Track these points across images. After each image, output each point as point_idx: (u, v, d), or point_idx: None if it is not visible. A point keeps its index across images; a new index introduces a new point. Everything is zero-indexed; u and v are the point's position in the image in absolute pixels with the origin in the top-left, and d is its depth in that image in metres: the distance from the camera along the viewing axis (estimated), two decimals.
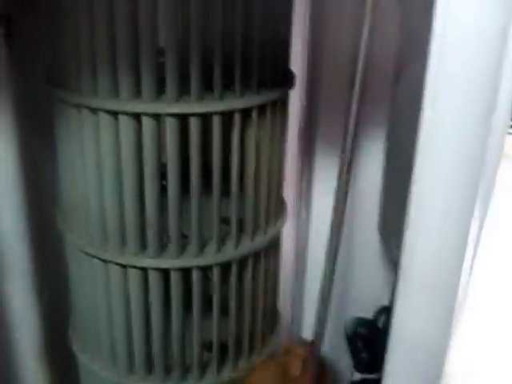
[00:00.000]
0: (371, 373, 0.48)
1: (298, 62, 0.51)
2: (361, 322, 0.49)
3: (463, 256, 0.32)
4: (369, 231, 0.48)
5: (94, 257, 0.45)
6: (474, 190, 0.30)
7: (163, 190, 0.42)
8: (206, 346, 0.48)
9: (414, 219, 0.31)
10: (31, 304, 0.52)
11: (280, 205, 0.50)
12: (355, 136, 0.41)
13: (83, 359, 0.52)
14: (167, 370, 0.48)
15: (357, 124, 0.57)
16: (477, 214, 0.31)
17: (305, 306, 0.55)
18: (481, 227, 0.34)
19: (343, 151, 0.40)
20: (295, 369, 0.47)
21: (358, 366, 0.48)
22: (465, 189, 0.30)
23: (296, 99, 0.53)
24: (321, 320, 0.45)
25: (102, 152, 0.41)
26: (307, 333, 0.53)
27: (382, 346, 0.39)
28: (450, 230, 0.31)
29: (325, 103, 0.56)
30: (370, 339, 0.47)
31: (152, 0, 0.36)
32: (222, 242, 0.45)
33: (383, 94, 0.45)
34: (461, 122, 0.30)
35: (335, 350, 0.51)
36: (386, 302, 0.45)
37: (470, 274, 0.35)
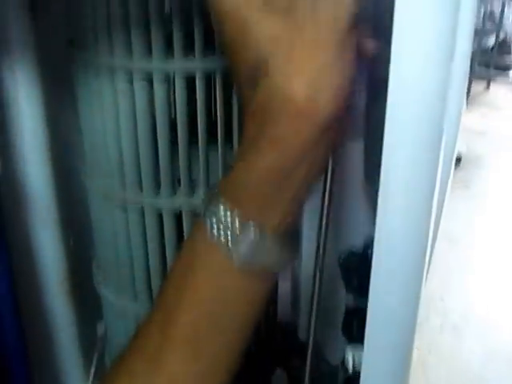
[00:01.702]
0: (362, 297, 0.54)
1: None
2: (352, 253, 0.55)
3: (434, 186, 0.36)
4: (356, 179, 0.54)
5: (114, 200, 0.51)
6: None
7: (174, 141, 0.48)
8: None
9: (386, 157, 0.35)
10: (57, 244, 0.58)
11: None
12: None
13: (106, 293, 0.58)
14: None
15: None
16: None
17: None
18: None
19: None
20: None
21: (351, 291, 0.54)
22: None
23: None
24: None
25: (120, 107, 0.46)
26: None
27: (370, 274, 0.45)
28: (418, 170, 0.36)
29: None
30: (359, 268, 0.54)
31: None
32: None
33: None
34: None
35: (332, 281, 0.57)
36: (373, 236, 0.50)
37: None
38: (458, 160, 2.49)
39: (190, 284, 0.37)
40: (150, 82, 0.45)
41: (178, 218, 0.50)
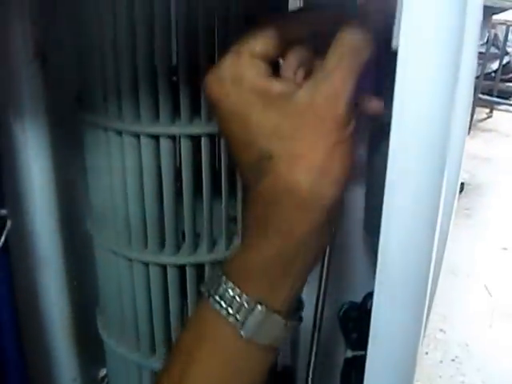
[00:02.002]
0: (361, 350, 0.54)
1: None
2: (351, 305, 0.56)
3: (433, 241, 0.37)
4: (357, 230, 0.55)
5: (119, 255, 0.52)
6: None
7: (179, 196, 0.49)
8: None
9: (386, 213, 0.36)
10: (62, 291, 0.59)
11: None
12: None
13: (108, 340, 0.59)
14: None
15: None
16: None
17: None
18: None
19: None
20: None
21: (350, 344, 0.55)
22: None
23: None
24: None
25: (127, 167, 0.48)
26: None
27: (369, 327, 0.46)
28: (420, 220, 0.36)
29: None
30: (359, 320, 0.55)
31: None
32: (229, 239, 0.52)
33: None
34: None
35: (331, 331, 0.58)
36: (372, 289, 0.51)
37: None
38: (461, 187, 2.49)
39: (198, 357, 0.38)
40: (157, 141, 0.47)
41: (181, 272, 0.51)
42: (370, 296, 0.53)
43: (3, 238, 0.47)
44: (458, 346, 1.77)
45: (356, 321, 0.55)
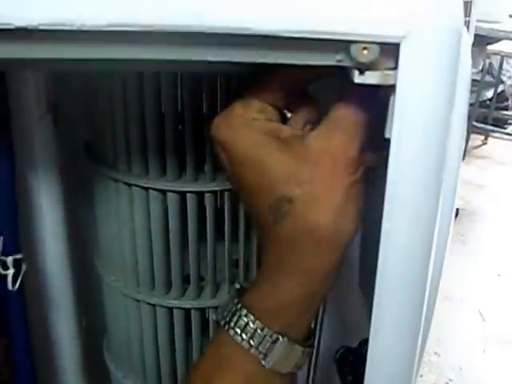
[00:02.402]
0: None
1: None
2: (347, 350, 0.59)
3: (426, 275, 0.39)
4: (353, 279, 0.59)
5: (128, 297, 0.55)
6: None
7: (184, 243, 0.53)
8: None
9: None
10: (73, 330, 0.63)
11: None
12: None
13: (117, 374, 0.62)
14: None
15: None
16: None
17: None
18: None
19: None
20: None
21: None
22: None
23: None
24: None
25: (135, 217, 0.51)
26: None
27: (364, 370, 0.50)
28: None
29: None
30: (354, 364, 0.58)
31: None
32: (231, 284, 0.55)
33: None
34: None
35: (327, 373, 0.61)
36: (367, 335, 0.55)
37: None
38: (455, 213, 2.52)
39: None
40: (164, 194, 0.50)
41: (186, 314, 0.55)
42: (364, 342, 0.56)
43: (19, 280, 0.50)
44: (451, 370, 1.79)
45: (351, 364, 0.58)
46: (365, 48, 0.33)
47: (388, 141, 0.35)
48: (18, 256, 0.50)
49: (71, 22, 0.30)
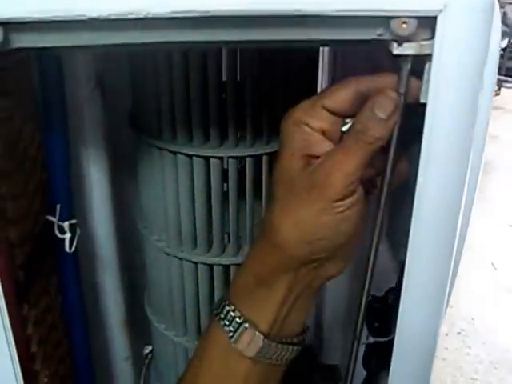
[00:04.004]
0: (382, 337, 0.62)
1: None
2: (374, 298, 0.63)
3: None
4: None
5: (171, 255, 0.60)
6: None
7: (225, 204, 0.57)
8: None
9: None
10: (117, 286, 0.67)
11: None
12: None
13: (159, 327, 0.67)
14: None
15: None
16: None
17: None
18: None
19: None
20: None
21: (372, 332, 0.63)
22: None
23: None
24: None
25: (180, 182, 0.55)
26: None
27: (389, 317, 0.54)
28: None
29: None
30: (381, 312, 0.62)
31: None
32: None
33: None
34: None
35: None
36: (393, 284, 0.58)
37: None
38: None
39: (206, 371, 0.45)
40: (207, 160, 0.54)
41: (226, 270, 0.59)
42: (391, 290, 0.60)
43: (75, 243, 0.54)
44: (463, 320, 1.84)
45: (378, 312, 0.62)
46: (404, 22, 0.35)
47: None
48: (73, 221, 0.54)
49: (138, 11, 0.33)
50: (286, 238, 0.40)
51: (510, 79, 3.30)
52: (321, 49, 0.61)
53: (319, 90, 0.62)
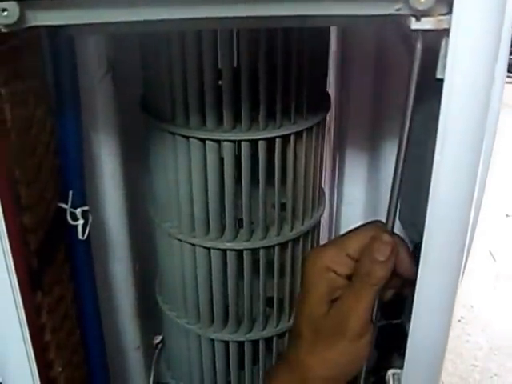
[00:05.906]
0: (394, 319, 0.62)
1: None
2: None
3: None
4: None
5: (183, 241, 0.59)
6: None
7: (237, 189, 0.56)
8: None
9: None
10: (128, 274, 0.67)
11: (320, 195, 0.64)
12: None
13: (170, 315, 0.66)
14: (238, 320, 0.63)
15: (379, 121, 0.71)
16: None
17: None
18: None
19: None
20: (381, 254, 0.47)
21: (385, 314, 0.63)
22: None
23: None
24: None
25: (192, 166, 0.55)
26: None
27: (401, 300, 0.55)
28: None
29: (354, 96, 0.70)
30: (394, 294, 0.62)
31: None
32: (280, 226, 0.59)
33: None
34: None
35: None
36: None
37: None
38: None
39: None
40: (220, 144, 0.54)
41: (239, 255, 0.59)
42: None
43: (87, 230, 0.54)
44: (463, 307, 1.85)
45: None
46: None
47: None
48: (85, 208, 0.54)
49: None
50: (316, 375, 0.49)
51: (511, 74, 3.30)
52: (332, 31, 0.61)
53: (330, 74, 0.62)
